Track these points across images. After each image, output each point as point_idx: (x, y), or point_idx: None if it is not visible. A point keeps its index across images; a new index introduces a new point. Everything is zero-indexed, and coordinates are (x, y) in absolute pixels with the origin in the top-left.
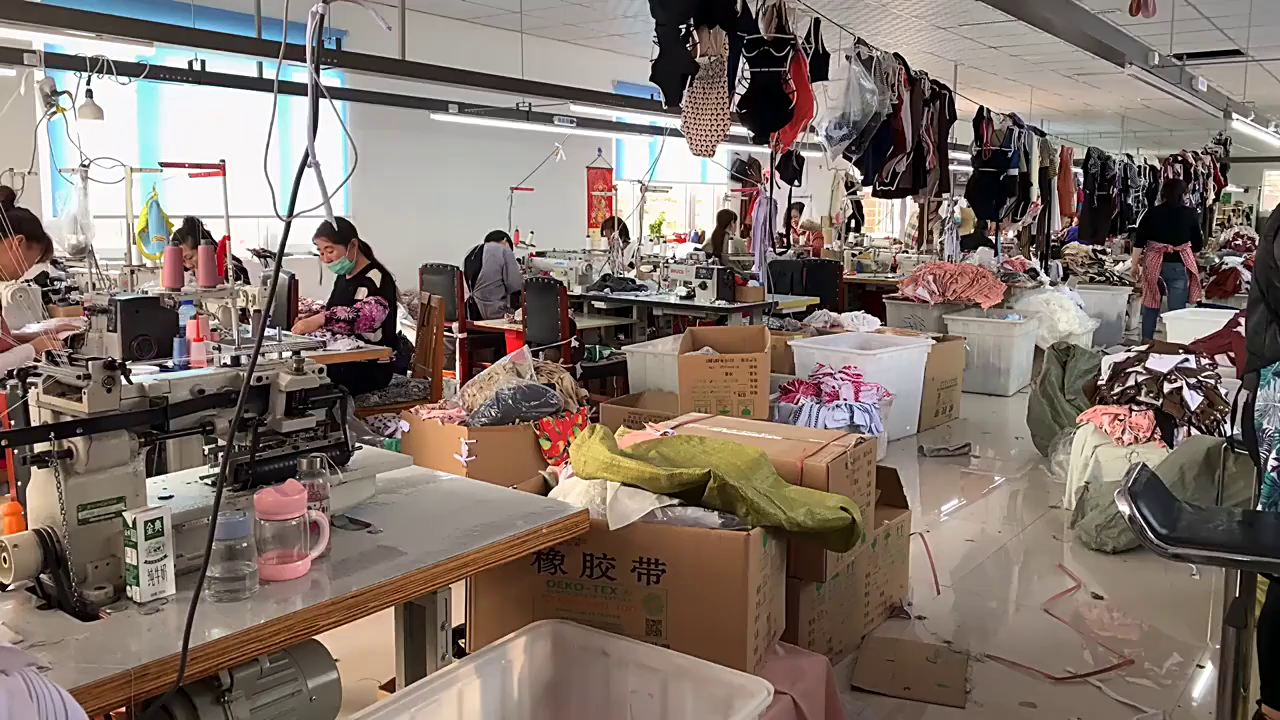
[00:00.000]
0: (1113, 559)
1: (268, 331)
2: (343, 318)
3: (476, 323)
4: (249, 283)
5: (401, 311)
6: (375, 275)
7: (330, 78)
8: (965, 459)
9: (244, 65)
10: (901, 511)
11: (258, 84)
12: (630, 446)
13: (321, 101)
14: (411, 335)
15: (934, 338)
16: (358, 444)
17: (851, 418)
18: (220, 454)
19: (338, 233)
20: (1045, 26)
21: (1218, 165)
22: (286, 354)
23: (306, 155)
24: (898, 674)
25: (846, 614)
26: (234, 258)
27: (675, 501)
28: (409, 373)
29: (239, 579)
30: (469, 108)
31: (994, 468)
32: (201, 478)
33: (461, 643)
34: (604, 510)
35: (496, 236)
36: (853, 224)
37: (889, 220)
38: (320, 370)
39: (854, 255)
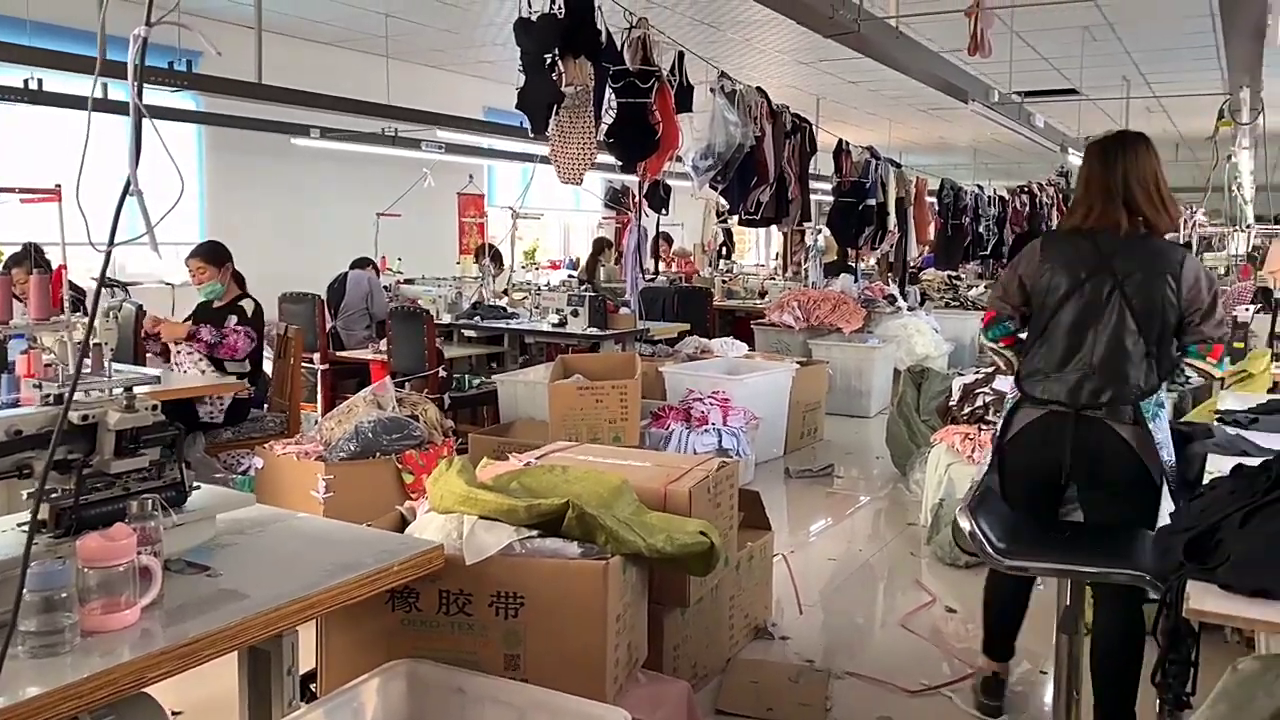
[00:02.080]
0: (966, 572)
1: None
2: (206, 339)
3: (339, 353)
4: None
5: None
6: (247, 304)
7: (184, 100)
8: (829, 479)
9: (86, 85)
10: (764, 533)
11: (102, 105)
12: (492, 478)
13: (148, 125)
14: (269, 367)
15: (799, 362)
16: (196, 484)
17: (720, 441)
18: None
19: (213, 254)
20: (895, 65)
21: (1060, 196)
22: (118, 391)
23: (129, 182)
24: (761, 695)
25: (711, 638)
26: (75, 287)
27: (534, 533)
28: (265, 406)
29: (57, 632)
30: (332, 132)
31: (856, 487)
32: (19, 524)
33: (313, 687)
34: (460, 545)
35: (361, 263)
36: (724, 251)
37: (758, 248)
38: (154, 407)
39: (724, 282)
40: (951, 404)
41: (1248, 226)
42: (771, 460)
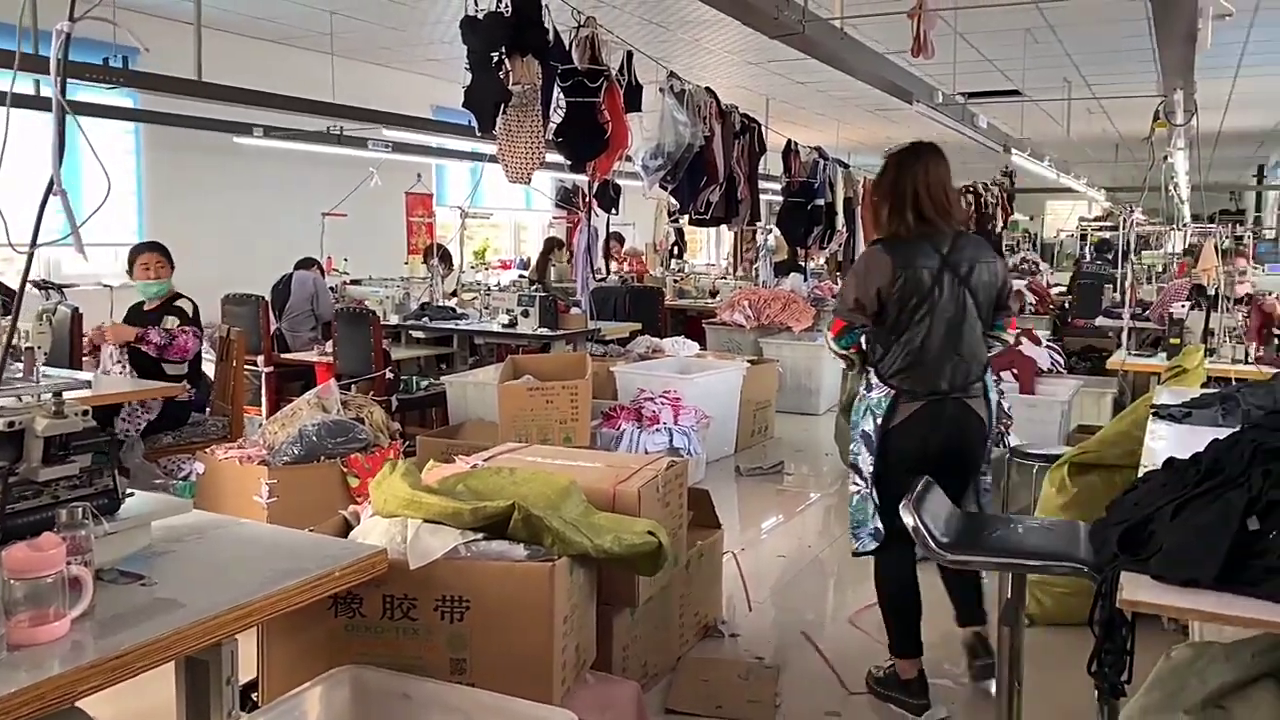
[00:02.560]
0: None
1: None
2: (155, 340)
3: (283, 355)
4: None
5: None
6: (186, 305)
7: (121, 98)
8: (779, 477)
9: (20, 83)
10: (714, 532)
11: (33, 102)
12: (437, 481)
13: (80, 123)
14: (211, 370)
15: (749, 361)
16: (130, 491)
17: (671, 441)
18: None
19: (167, 252)
20: (840, 66)
21: (1005, 195)
22: (46, 395)
23: (51, 183)
24: (711, 694)
25: (661, 637)
26: (4, 289)
27: (480, 536)
28: (207, 410)
29: None
30: (276, 131)
31: (806, 484)
32: None
33: (255, 697)
34: (405, 548)
35: (306, 264)
36: (676, 251)
37: (710, 248)
38: (85, 413)
39: (676, 282)
40: None
41: (1184, 225)
42: (723, 458)
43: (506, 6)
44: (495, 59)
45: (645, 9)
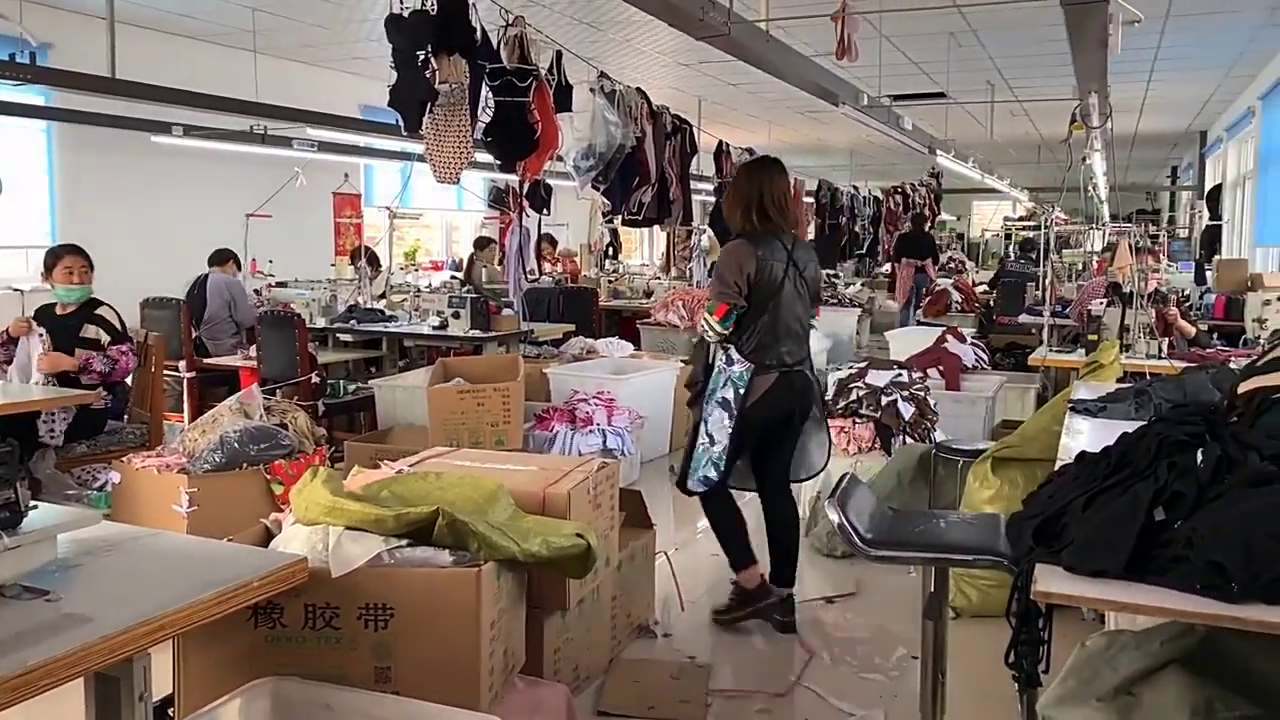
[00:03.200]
0: (843, 563)
1: None
2: (99, 369)
3: (206, 360)
4: None
5: None
6: (110, 315)
7: (31, 95)
8: None
9: None
10: (647, 532)
11: None
12: (361, 487)
13: None
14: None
15: (684, 361)
16: (34, 503)
17: (605, 442)
18: None
19: (88, 255)
20: (767, 68)
21: (933, 196)
22: None
23: None
24: (643, 694)
25: (593, 639)
26: None
27: (404, 542)
28: (125, 418)
29: None
30: (197, 130)
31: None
32: None
33: (171, 712)
34: (327, 557)
35: (220, 259)
36: (610, 251)
37: (645, 248)
38: None
39: (610, 282)
40: (827, 399)
41: (1104, 225)
42: (658, 458)
43: (432, 5)
44: (421, 57)
45: (576, 9)
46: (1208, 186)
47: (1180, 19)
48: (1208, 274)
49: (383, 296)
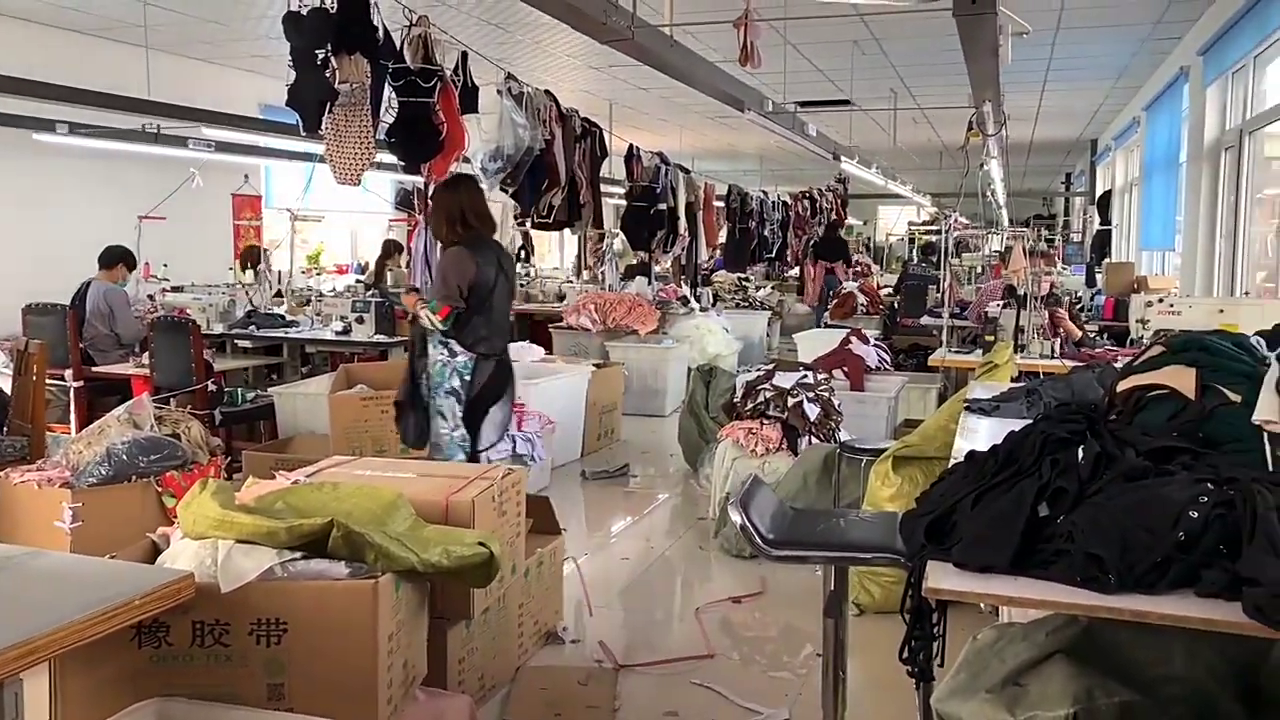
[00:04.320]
0: (750, 563)
1: None
2: None
3: (94, 369)
4: None
5: (1, 359)
6: None
7: None
8: (625, 479)
9: None
10: (554, 538)
11: None
12: (255, 499)
13: None
14: (7, 385)
15: (595, 364)
16: None
17: (514, 448)
18: None
19: None
20: (672, 73)
21: (839, 200)
22: None
23: None
24: (550, 701)
25: (499, 647)
26: None
27: (298, 555)
28: (4, 430)
29: None
30: (84, 128)
31: (652, 485)
32: None
33: None
34: (215, 572)
35: (109, 260)
36: (523, 255)
37: (558, 251)
38: None
39: (522, 286)
40: (736, 400)
41: (1002, 229)
42: (569, 463)
43: (332, 4)
44: (321, 56)
45: (483, 10)
46: (1098, 193)
47: (1070, 31)
48: (1098, 277)
49: (278, 295)
